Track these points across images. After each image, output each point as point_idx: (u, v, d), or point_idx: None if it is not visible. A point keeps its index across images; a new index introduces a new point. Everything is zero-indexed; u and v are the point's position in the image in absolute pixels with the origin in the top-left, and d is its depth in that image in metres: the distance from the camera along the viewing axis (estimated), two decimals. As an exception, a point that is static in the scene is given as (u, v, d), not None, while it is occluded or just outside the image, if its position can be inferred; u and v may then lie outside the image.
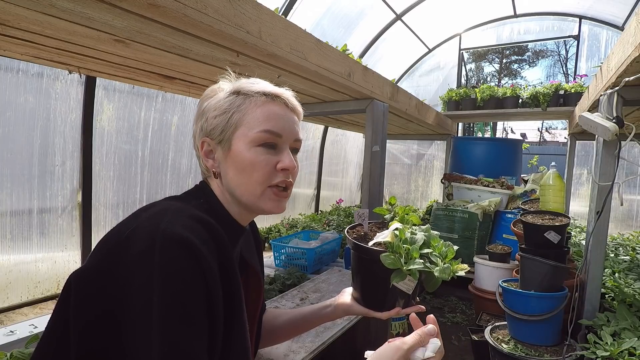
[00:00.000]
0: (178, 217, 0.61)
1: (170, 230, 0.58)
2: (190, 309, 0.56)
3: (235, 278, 0.66)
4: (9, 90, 1.94)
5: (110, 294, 0.57)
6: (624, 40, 1.30)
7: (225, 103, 0.73)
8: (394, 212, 0.99)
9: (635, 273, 1.99)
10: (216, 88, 0.76)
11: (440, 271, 0.79)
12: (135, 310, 0.55)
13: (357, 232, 1.01)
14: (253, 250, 0.90)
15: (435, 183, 5.21)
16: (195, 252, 0.58)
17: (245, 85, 0.75)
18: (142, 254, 0.57)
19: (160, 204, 0.67)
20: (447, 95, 4.24)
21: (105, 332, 0.57)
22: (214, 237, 0.62)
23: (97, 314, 0.57)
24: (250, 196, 0.72)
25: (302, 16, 3.30)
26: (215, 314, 0.60)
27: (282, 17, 1.34)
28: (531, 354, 1.70)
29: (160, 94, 2.62)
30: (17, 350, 1.04)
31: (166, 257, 0.56)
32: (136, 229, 0.60)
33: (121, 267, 0.58)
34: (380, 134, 2.15)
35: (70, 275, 0.62)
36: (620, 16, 3.82)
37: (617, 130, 1.46)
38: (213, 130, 0.72)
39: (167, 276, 0.55)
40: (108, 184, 2.45)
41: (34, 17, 1.04)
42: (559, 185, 2.26)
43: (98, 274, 0.60)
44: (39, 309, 2.13)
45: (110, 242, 0.62)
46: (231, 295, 0.65)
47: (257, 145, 0.71)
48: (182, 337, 0.55)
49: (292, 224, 3.61)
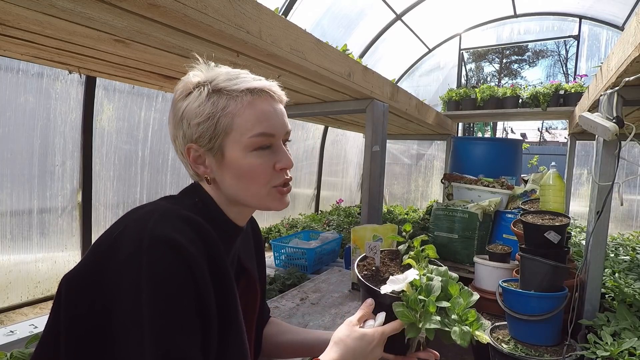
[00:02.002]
0: (165, 217, 0.60)
1: (158, 232, 0.57)
2: (180, 309, 0.56)
3: (228, 277, 0.65)
4: (9, 90, 1.94)
5: (100, 296, 0.57)
6: (624, 40, 1.30)
7: (207, 107, 0.67)
8: (409, 244, 0.92)
9: (635, 273, 1.99)
10: (188, 83, 0.69)
11: (459, 336, 0.70)
12: (125, 313, 0.55)
13: (368, 266, 0.92)
14: (252, 254, 0.89)
15: (435, 183, 5.21)
16: (183, 252, 0.57)
17: (226, 83, 0.68)
18: (130, 256, 0.56)
19: (149, 205, 0.66)
20: (447, 95, 4.24)
21: (95, 335, 0.56)
22: (202, 237, 0.62)
23: (86, 316, 0.57)
24: (256, 199, 0.72)
25: (302, 16, 3.30)
26: (207, 313, 0.59)
27: (282, 17, 1.34)
28: (531, 354, 1.70)
29: (160, 94, 2.62)
30: (17, 350, 1.04)
31: (153, 258, 0.56)
32: (124, 231, 0.60)
33: (110, 270, 0.57)
34: (380, 134, 2.15)
35: (62, 278, 0.62)
36: (620, 16, 3.82)
37: (617, 130, 1.46)
38: (200, 137, 0.68)
39: (156, 278, 0.55)
40: (108, 184, 2.45)
41: (34, 17, 1.04)
42: (559, 185, 2.26)
43: (88, 277, 0.59)
44: (39, 309, 2.13)
45: (102, 245, 0.61)
46: (224, 294, 0.64)
47: (253, 150, 0.69)
48: (174, 337, 0.54)
49: (292, 224, 3.61)
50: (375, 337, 0.73)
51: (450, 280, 0.78)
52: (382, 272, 0.88)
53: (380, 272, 0.89)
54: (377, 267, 0.91)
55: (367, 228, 1.84)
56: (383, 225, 1.87)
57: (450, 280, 0.78)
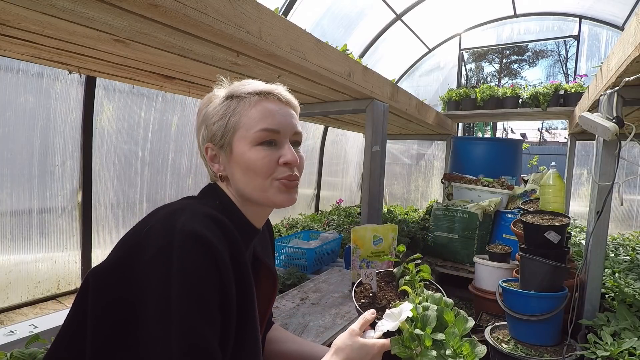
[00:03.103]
0: (194, 215, 0.63)
1: (188, 228, 0.60)
2: (207, 303, 0.59)
3: (248, 277, 0.68)
4: (9, 90, 1.94)
5: (129, 289, 0.59)
6: (624, 40, 1.30)
7: (222, 108, 0.75)
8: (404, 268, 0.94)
9: (635, 273, 1.99)
10: (211, 95, 0.79)
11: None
12: (154, 305, 0.57)
13: (365, 292, 0.95)
14: (269, 250, 0.92)
15: (435, 183, 5.21)
16: (212, 249, 0.60)
17: (238, 88, 0.76)
18: (161, 249, 0.59)
19: (177, 204, 0.70)
20: (447, 95, 4.24)
21: (122, 327, 0.59)
22: (227, 236, 0.65)
23: (114, 310, 0.60)
24: (259, 192, 0.74)
25: (302, 16, 3.30)
26: (229, 308, 0.62)
27: (282, 17, 1.34)
28: (531, 354, 1.70)
29: (160, 94, 2.62)
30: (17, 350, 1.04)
31: (184, 253, 0.58)
32: (153, 227, 0.62)
33: (140, 264, 0.60)
34: (380, 134, 2.15)
35: (88, 272, 0.65)
36: (620, 16, 3.82)
37: (617, 130, 1.46)
38: (214, 136, 0.75)
39: (186, 271, 0.57)
40: (108, 184, 2.45)
41: (34, 17, 1.04)
42: (559, 185, 2.26)
43: (117, 271, 0.62)
44: (39, 309, 2.13)
45: (130, 241, 0.64)
46: (244, 294, 0.67)
47: (257, 144, 0.73)
48: (202, 328, 0.57)
49: (292, 224, 3.61)
50: (375, 349, 0.74)
51: (445, 308, 0.80)
52: (379, 299, 0.91)
53: (377, 298, 0.92)
54: (374, 294, 0.94)
55: (367, 228, 1.84)
56: (383, 225, 1.87)
57: (445, 308, 0.80)
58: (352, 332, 0.77)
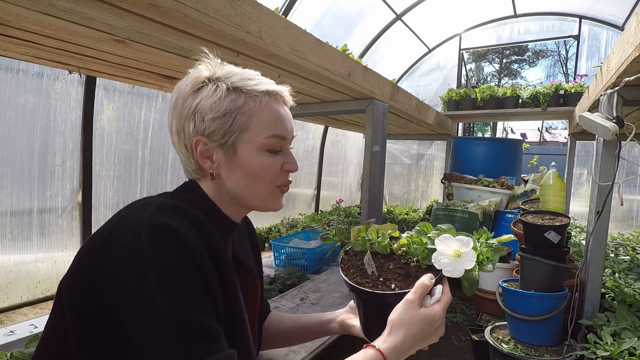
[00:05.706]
0: (160, 208, 0.61)
1: (155, 221, 0.58)
2: (190, 288, 0.57)
3: (227, 265, 0.65)
4: (9, 90, 1.94)
5: (104, 291, 0.57)
6: (624, 40, 1.30)
7: (225, 103, 0.67)
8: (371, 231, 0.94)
9: (635, 273, 1.99)
10: (199, 77, 0.69)
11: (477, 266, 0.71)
12: (136, 304, 0.55)
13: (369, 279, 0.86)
14: (249, 251, 0.89)
15: (435, 183, 5.21)
16: (181, 238, 0.58)
17: (244, 82, 0.70)
18: (129, 245, 0.56)
19: (142, 200, 0.67)
20: (447, 95, 4.24)
21: (106, 331, 0.57)
22: (198, 227, 0.62)
23: (93, 316, 0.57)
24: (257, 197, 0.73)
25: (302, 16, 3.30)
26: (214, 294, 0.60)
27: (282, 17, 1.34)
28: (531, 354, 1.70)
29: (160, 94, 2.62)
30: (17, 350, 1.04)
31: (155, 246, 0.56)
32: (119, 224, 0.60)
33: (111, 263, 0.57)
34: (380, 134, 2.15)
35: (60, 282, 0.62)
36: (620, 16, 3.82)
37: (617, 130, 1.46)
38: (213, 132, 0.68)
39: (161, 261, 0.55)
40: (108, 184, 2.45)
41: (34, 17, 1.04)
42: (559, 185, 2.26)
43: (87, 276, 0.59)
44: (39, 309, 2.13)
45: (97, 242, 0.61)
46: (225, 282, 0.64)
47: (266, 150, 0.71)
48: (191, 311, 0.55)
49: (292, 224, 3.61)
50: (438, 315, 0.69)
51: None
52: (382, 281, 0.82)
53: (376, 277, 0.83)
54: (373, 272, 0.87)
55: (367, 228, 1.84)
56: (383, 225, 1.87)
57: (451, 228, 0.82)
58: (410, 302, 0.68)
